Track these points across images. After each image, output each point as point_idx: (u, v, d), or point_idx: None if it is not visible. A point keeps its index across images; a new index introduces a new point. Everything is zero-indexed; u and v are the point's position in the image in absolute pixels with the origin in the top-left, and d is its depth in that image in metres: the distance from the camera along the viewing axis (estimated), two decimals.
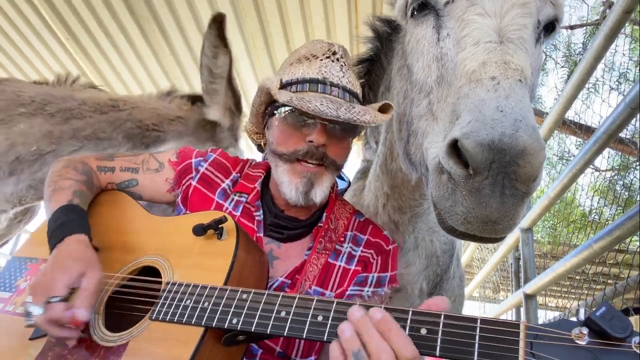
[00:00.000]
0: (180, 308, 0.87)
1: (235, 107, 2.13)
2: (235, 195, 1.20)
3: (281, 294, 0.82)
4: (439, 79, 0.95)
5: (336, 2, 3.28)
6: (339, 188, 1.56)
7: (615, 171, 4.01)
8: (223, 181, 1.23)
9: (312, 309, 0.76)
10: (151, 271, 1.01)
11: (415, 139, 1.04)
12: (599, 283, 4.15)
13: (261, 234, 1.15)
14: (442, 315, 0.66)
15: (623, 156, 3.99)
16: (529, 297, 2.71)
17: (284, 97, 0.99)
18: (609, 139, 1.86)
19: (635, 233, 1.62)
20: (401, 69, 1.21)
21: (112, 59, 4.11)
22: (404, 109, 1.11)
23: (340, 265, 1.15)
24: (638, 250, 2.44)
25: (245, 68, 4.06)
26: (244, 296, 0.83)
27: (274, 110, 1.11)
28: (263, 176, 1.24)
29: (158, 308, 0.90)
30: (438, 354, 0.64)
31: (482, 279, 4.55)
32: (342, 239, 1.19)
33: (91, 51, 4.02)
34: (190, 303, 0.87)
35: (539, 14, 0.95)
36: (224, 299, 0.84)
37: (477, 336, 0.62)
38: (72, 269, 0.91)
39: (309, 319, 0.75)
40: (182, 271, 0.96)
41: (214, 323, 0.82)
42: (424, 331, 0.66)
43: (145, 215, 1.14)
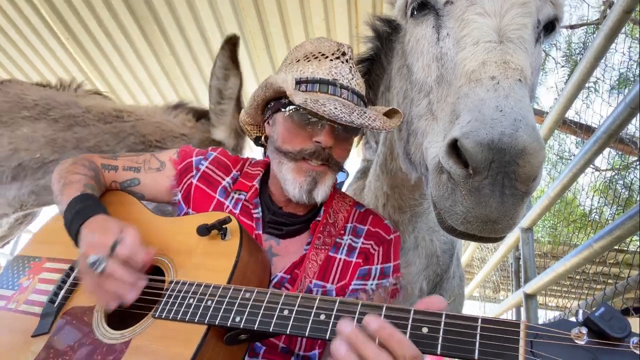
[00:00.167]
0: (184, 306, 0.87)
1: (241, 129, 2.12)
2: (235, 193, 1.20)
3: (284, 292, 0.82)
4: (439, 79, 0.95)
5: (336, 2, 3.28)
6: (338, 181, 1.56)
7: (616, 171, 4.01)
8: (224, 179, 1.23)
9: (315, 307, 0.77)
10: (155, 271, 1.02)
11: (415, 139, 1.04)
12: (599, 283, 4.15)
13: (260, 231, 1.15)
14: (444, 315, 0.67)
15: (623, 156, 4.00)
16: (529, 297, 2.71)
17: (299, 99, 0.98)
18: (609, 138, 1.86)
19: (635, 233, 1.62)
20: (401, 68, 1.21)
21: (113, 59, 4.11)
22: (403, 108, 1.12)
23: (340, 258, 1.14)
24: (638, 250, 2.44)
25: (245, 68, 4.05)
26: (247, 295, 0.84)
27: (279, 106, 1.10)
28: (261, 174, 1.24)
29: (161, 306, 0.90)
30: (439, 352, 0.64)
31: (482, 278, 4.55)
32: (342, 232, 1.19)
33: (91, 51, 4.02)
34: (193, 301, 0.87)
35: (538, 13, 0.95)
36: (227, 298, 0.85)
37: (478, 335, 0.63)
38: (112, 228, 0.95)
39: (311, 318, 0.76)
40: (186, 271, 0.96)
41: (217, 321, 0.83)
42: (425, 330, 0.66)
43: (150, 216, 1.15)
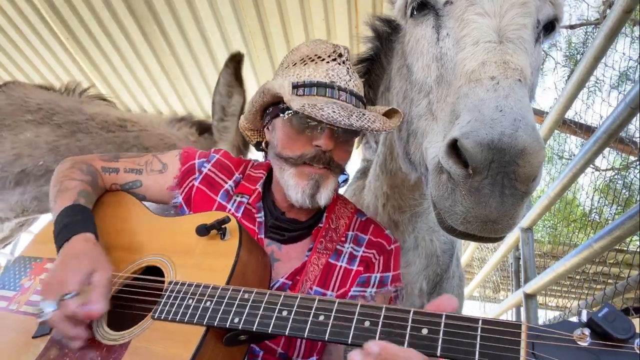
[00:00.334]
0: (183, 307, 0.87)
1: (243, 145, 2.11)
2: (237, 196, 1.20)
3: (283, 293, 0.82)
4: (439, 79, 0.95)
5: (336, 2, 3.28)
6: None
7: (616, 171, 4.01)
8: (226, 182, 1.23)
9: (314, 308, 0.76)
10: (155, 271, 1.02)
11: (415, 139, 1.04)
12: (599, 283, 4.15)
13: (262, 236, 1.15)
14: (444, 316, 0.66)
15: (623, 156, 3.99)
16: (529, 297, 2.71)
17: (296, 105, 0.97)
18: (609, 138, 1.86)
19: (635, 233, 1.62)
20: (401, 68, 1.21)
21: (113, 59, 4.10)
22: (403, 108, 1.11)
23: (341, 266, 1.15)
24: (638, 250, 2.44)
25: (246, 68, 4.03)
26: (246, 296, 0.84)
27: (278, 112, 1.09)
28: (264, 177, 1.24)
29: (160, 307, 0.90)
30: (439, 354, 0.64)
31: (482, 278, 4.55)
32: (343, 239, 1.19)
33: (91, 51, 4.02)
34: (192, 302, 0.87)
35: (538, 13, 0.95)
36: (226, 299, 0.85)
37: (479, 336, 0.62)
38: (83, 267, 0.92)
39: (310, 319, 0.75)
40: (185, 271, 0.96)
41: (216, 322, 0.82)
42: (425, 331, 0.66)
43: (150, 216, 1.15)
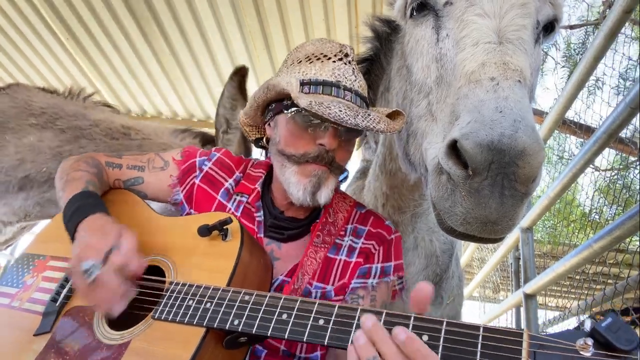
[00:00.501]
0: (183, 308, 0.87)
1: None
2: (237, 195, 1.20)
3: (283, 296, 0.82)
4: (438, 80, 0.95)
5: (336, 2, 3.28)
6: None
7: (616, 171, 4.01)
8: (226, 180, 1.23)
9: (314, 312, 0.76)
10: (156, 270, 1.02)
11: (415, 140, 1.04)
12: (599, 283, 4.15)
13: (262, 235, 1.15)
14: (445, 323, 0.65)
15: (623, 156, 3.99)
16: (529, 297, 2.70)
17: (304, 102, 0.97)
18: (609, 138, 1.86)
19: (635, 233, 1.62)
20: (400, 69, 1.21)
21: (113, 59, 4.11)
22: (403, 109, 1.11)
23: (340, 259, 1.14)
24: (638, 250, 2.44)
25: None
26: (246, 297, 0.84)
27: (281, 108, 1.09)
28: (264, 176, 1.24)
29: (161, 307, 0.90)
30: None
31: (482, 278, 4.54)
32: (342, 232, 1.18)
33: (91, 51, 4.02)
34: (192, 303, 0.87)
35: (538, 14, 0.95)
36: (226, 300, 0.85)
37: (479, 344, 0.61)
38: (110, 233, 0.93)
39: (310, 322, 0.75)
40: (186, 271, 0.96)
41: (215, 324, 0.82)
42: (425, 338, 0.65)
43: (152, 215, 1.15)
